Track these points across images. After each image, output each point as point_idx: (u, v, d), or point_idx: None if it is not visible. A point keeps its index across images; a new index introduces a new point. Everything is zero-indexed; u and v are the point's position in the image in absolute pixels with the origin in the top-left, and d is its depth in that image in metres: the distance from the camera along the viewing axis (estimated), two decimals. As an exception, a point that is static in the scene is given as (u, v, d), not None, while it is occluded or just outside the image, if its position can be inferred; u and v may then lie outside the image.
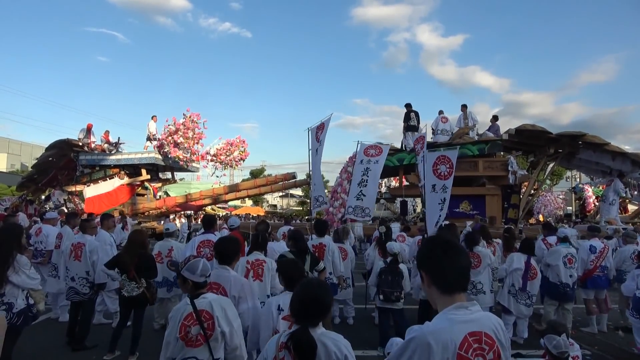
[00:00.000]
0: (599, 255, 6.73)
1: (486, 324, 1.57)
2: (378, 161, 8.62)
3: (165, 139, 14.62)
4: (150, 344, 5.43)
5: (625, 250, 6.95)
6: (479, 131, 13.71)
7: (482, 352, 1.50)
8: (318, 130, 8.46)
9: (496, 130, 13.34)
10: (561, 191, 28.79)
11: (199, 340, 2.64)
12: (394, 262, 5.46)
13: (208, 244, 5.16)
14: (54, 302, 6.74)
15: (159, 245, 6.49)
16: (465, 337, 1.49)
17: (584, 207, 20.95)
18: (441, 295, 1.58)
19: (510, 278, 5.95)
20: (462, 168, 12.33)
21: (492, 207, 12.23)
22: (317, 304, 2.02)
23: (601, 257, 6.75)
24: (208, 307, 2.68)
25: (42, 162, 16.04)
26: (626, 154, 11.69)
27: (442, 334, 1.48)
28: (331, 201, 12.01)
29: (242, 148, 15.82)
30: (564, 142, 11.99)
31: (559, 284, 6.16)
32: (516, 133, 12.00)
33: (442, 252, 1.61)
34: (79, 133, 15.48)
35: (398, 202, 18.56)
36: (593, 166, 13.22)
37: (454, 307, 1.54)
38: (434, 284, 1.60)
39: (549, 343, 3.15)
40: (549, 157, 12.73)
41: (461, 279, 1.61)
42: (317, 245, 5.98)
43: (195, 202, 17.33)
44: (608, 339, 6.20)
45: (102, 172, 15.48)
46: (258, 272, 3.98)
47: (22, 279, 3.88)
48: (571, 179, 34.14)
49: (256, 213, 33.50)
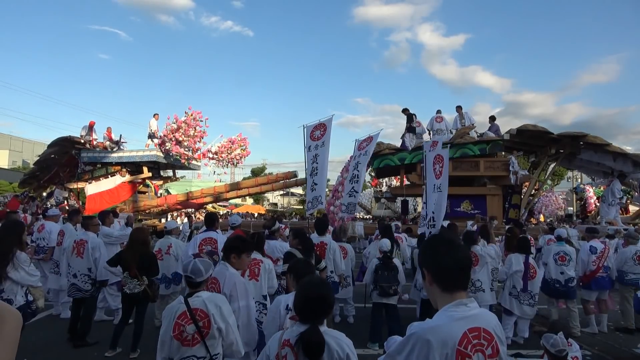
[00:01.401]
0: (600, 255, 6.73)
1: (485, 320, 1.59)
2: (367, 151, 8.44)
3: (167, 136, 14.65)
4: (151, 340, 5.44)
5: (627, 251, 6.94)
6: (477, 131, 13.73)
7: (482, 347, 1.52)
8: (315, 129, 8.36)
9: (496, 130, 13.36)
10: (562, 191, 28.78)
11: (196, 339, 2.66)
12: (387, 258, 5.65)
13: (210, 241, 5.18)
14: (56, 298, 6.77)
15: (160, 242, 6.58)
16: (465, 333, 1.50)
17: (585, 208, 20.96)
18: (442, 293, 1.60)
19: (511, 280, 5.97)
20: (463, 168, 12.37)
21: (493, 207, 12.23)
22: (323, 302, 2.04)
23: (603, 258, 6.75)
24: (202, 306, 2.70)
25: (44, 159, 16.09)
26: (627, 155, 11.69)
27: (441, 330, 1.50)
28: (332, 200, 12.03)
29: (243, 146, 15.85)
30: (565, 142, 11.99)
31: (549, 280, 6.41)
32: (517, 133, 12.01)
33: (444, 250, 1.62)
34: (81, 130, 15.50)
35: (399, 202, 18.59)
36: (594, 167, 13.22)
37: (453, 304, 1.56)
38: (435, 282, 1.61)
39: (547, 342, 3.22)
40: (550, 158, 12.74)
41: (462, 277, 1.62)
42: (318, 244, 5.99)
43: (196, 200, 17.37)
44: (608, 340, 6.20)
45: (103, 170, 15.52)
46: (254, 271, 3.97)
47: (21, 276, 3.89)
48: (572, 179, 34.12)
49: (257, 211, 33.57)
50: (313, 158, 7.99)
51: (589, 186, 20.97)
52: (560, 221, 19.74)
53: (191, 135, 14.70)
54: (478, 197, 12.54)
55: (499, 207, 12.30)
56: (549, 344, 3.21)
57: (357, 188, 8.38)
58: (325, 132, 8.09)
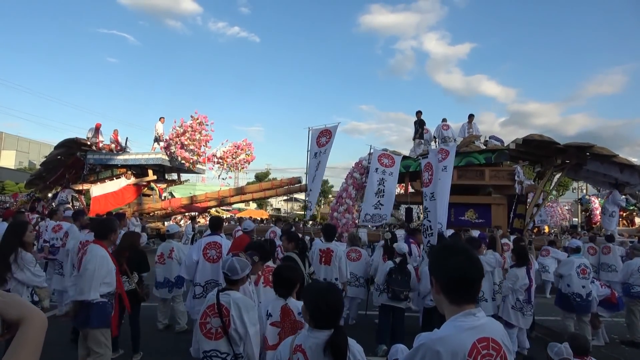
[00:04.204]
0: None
1: (493, 329, 1.57)
2: (392, 173, 8.88)
3: (173, 139, 14.75)
4: (154, 343, 5.47)
5: (633, 264, 6.87)
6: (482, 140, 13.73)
7: (491, 357, 1.50)
8: (321, 135, 8.41)
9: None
10: (567, 202, 28.63)
11: (219, 333, 2.75)
12: (403, 262, 5.59)
13: (214, 245, 5.18)
14: (60, 299, 6.78)
15: (162, 246, 6.57)
16: (474, 344, 1.48)
17: (590, 219, 20.82)
18: (450, 304, 1.58)
19: (515, 293, 5.78)
20: (468, 176, 12.33)
21: (497, 216, 12.17)
22: (339, 308, 2.11)
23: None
24: (227, 304, 2.79)
25: (50, 160, 16.22)
26: (634, 166, 11.61)
27: (451, 340, 1.48)
28: (335, 206, 12.02)
29: (248, 151, 15.92)
30: (572, 153, 11.92)
31: (570, 295, 6.10)
32: (523, 143, 11.95)
33: (455, 262, 1.59)
34: (88, 132, 15.65)
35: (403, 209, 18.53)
36: (600, 178, 13.13)
37: (462, 314, 1.54)
38: (444, 293, 1.60)
39: (551, 351, 3.25)
40: (555, 168, 12.67)
41: (472, 291, 1.60)
42: (324, 249, 5.98)
43: (200, 204, 17.43)
44: (614, 353, 6.13)
45: (109, 172, 15.61)
46: (269, 278, 4.01)
47: (27, 276, 3.90)
48: (577, 190, 33.96)
49: (260, 216, 33.54)
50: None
51: (594, 197, 20.84)
52: (565, 232, 19.60)
53: (197, 139, 14.79)
54: (483, 206, 12.48)
55: (503, 217, 12.23)
56: (552, 353, 3.22)
57: (383, 202, 8.68)
58: (329, 140, 8.17)
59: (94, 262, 3.71)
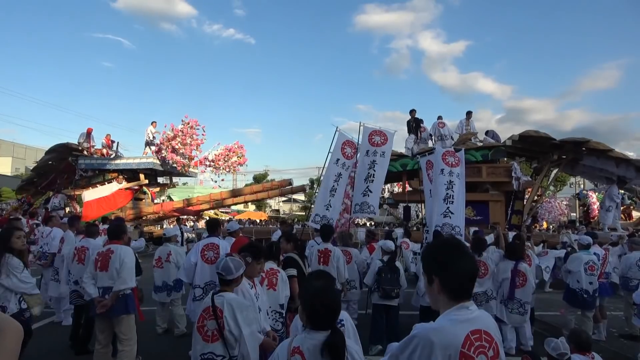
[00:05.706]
0: (602, 262, 6.67)
1: (484, 322, 1.61)
2: (384, 153, 8.11)
3: (164, 143, 14.79)
4: (153, 347, 5.45)
5: (631, 257, 6.87)
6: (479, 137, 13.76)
7: (484, 349, 1.53)
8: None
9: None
10: (565, 197, 28.67)
11: (215, 336, 2.76)
12: (391, 260, 5.60)
13: (212, 247, 5.16)
14: (57, 306, 6.74)
15: (159, 250, 6.53)
16: (468, 336, 1.51)
17: (587, 214, 20.86)
18: (449, 300, 1.60)
19: (502, 287, 5.80)
20: (465, 174, 12.32)
21: (495, 213, 12.19)
22: (335, 309, 2.10)
23: (604, 264, 6.70)
24: (221, 306, 2.79)
25: (41, 165, 16.22)
26: (630, 161, 11.65)
27: (445, 331, 1.51)
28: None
29: (240, 154, 15.99)
30: (568, 148, 11.96)
31: (578, 291, 6.09)
32: (520, 139, 11.98)
33: (455, 260, 1.62)
34: (79, 137, 15.62)
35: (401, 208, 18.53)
36: (597, 172, 13.17)
37: (456, 307, 1.57)
38: (444, 290, 1.60)
39: (548, 346, 3.27)
40: (552, 163, 12.71)
41: (470, 287, 1.64)
42: (322, 250, 5.96)
43: (192, 207, 17.44)
44: (612, 347, 6.14)
45: (101, 176, 15.57)
46: (272, 281, 3.99)
47: (13, 282, 3.79)
48: (575, 185, 34.03)
49: (259, 218, 33.53)
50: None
51: (591, 192, 20.88)
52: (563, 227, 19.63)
53: (188, 143, 14.86)
54: (480, 203, 12.47)
55: (501, 213, 12.25)
56: (550, 348, 3.24)
57: (372, 188, 7.96)
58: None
59: (130, 256, 4.37)
